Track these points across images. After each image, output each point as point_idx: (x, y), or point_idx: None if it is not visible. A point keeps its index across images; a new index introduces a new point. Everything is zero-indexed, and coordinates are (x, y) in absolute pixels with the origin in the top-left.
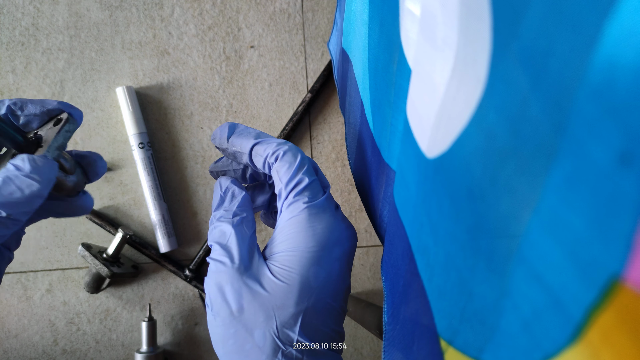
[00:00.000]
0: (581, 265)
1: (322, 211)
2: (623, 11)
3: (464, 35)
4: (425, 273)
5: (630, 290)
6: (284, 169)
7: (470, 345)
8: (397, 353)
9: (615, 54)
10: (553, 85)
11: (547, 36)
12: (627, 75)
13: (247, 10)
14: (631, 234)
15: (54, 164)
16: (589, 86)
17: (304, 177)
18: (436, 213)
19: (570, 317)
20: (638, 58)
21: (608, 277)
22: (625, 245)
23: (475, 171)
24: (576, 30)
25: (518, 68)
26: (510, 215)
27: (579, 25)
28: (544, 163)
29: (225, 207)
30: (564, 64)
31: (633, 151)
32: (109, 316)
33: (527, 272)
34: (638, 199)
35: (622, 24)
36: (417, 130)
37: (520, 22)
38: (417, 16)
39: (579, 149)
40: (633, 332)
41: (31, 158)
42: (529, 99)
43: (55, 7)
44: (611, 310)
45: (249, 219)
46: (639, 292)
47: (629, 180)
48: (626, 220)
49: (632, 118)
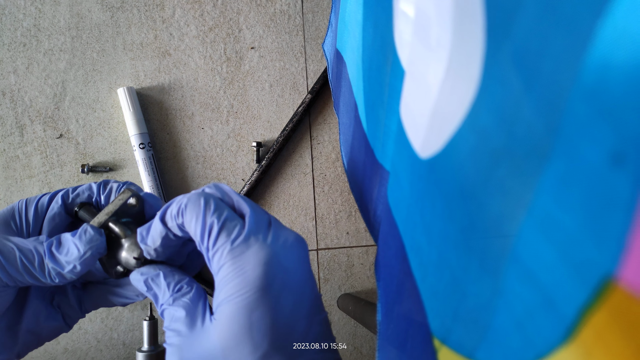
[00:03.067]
0: (574, 265)
1: (246, 247)
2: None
3: (457, 37)
4: (419, 272)
5: (623, 290)
6: (192, 224)
7: (464, 344)
8: (391, 351)
9: (608, 55)
10: (546, 86)
11: (540, 37)
12: (619, 75)
13: (247, 11)
14: (624, 234)
15: (99, 230)
16: (582, 87)
17: (213, 219)
18: (429, 213)
19: (563, 317)
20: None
21: (601, 276)
22: (617, 245)
23: (468, 171)
24: (569, 31)
25: (511, 69)
26: (504, 215)
27: (572, 26)
28: (537, 163)
29: (162, 300)
30: (557, 65)
31: (625, 151)
32: (110, 315)
33: (520, 272)
34: (630, 199)
35: (615, 24)
36: (410, 130)
37: (513, 23)
38: (411, 17)
39: (571, 149)
40: (626, 332)
41: (84, 227)
42: (522, 99)
43: (57, 8)
44: (604, 310)
45: (188, 290)
46: (632, 292)
47: (621, 181)
48: (619, 220)
49: (624, 118)
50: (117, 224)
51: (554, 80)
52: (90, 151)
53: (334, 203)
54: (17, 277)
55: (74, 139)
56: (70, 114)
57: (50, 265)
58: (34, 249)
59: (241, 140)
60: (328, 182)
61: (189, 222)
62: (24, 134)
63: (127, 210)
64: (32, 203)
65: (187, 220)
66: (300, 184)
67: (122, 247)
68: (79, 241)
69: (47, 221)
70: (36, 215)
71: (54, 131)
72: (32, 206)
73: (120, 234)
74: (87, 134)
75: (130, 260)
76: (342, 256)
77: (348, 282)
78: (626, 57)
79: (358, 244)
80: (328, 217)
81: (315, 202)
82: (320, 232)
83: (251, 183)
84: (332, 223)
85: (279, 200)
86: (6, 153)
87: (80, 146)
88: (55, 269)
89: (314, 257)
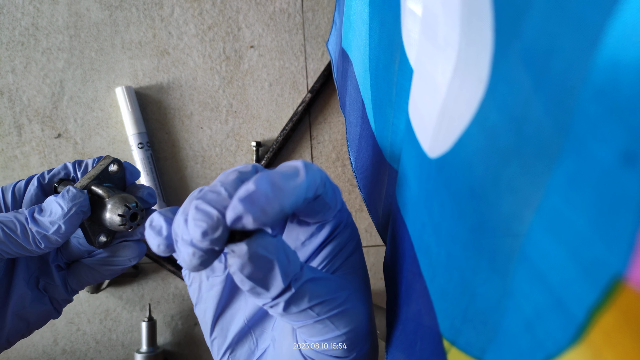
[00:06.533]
0: (584, 265)
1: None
2: (626, 10)
3: (465, 35)
4: (428, 273)
5: (633, 290)
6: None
7: (473, 346)
8: (399, 354)
9: (619, 53)
10: (556, 85)
11: (549, 35)
12: (630, 74)
13: (247, 10)
14: (634, 234)
15: (81, 190)
16: (592, 85)
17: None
18: (438, 213)
19: (573, 318)
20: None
21: (610, 277)
22: (627, 245)
23: (477, 171)
24: (579, 29)
25: (520, 68)
26: (513, 214)
27: (581, 24)
28: (546, 163)
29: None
30: (566, 64)
31: (636, 151)
32: (108, 316)
33: (529, 272)
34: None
35: (626, 22)
36: (419, 130)
37: (522, 21)
38: (419, 16)
39: (582, 148)
40: (635, 333)
41: (66, 188)
42: (531, 98)
43: (55, 7)
44: (613, 311)
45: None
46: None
47: (632, 180)
48: (629, 220)
49: (635, 117)
50: (100, 187)
51: (564, 79)
52: (88, 151)
53: None
54: (4, 248)
55: (72, 139)
56: (69, 114)
57: (35, 229)
58: (14, 218)
59: (240, 139)
60: None
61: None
62: (22, 134)
63: (108, 176)
64: (9, 189)
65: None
66: None
67: (105, 208)
68: (62, 200)
69: (25, 203)
70: (14, 200)
71: (52, 131)
72: (9, 191)
73: (103, 194)
74: (85, 134)
75: (115, 219)
76: None
77: None
78: (636, 55)
79: None
80: None
81: None
82: None
83: None
84: None
85: None
86: (4, 153)
87: (78, 146)
88: (39, 232)
89: None
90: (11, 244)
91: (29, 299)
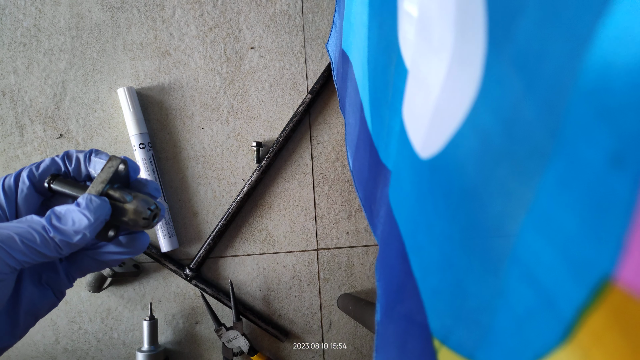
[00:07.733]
0: (573, 265)
1: None
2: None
3: (459, 37)
4: (419, 273)
5: (621, 291)
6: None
7: (464, 345)
8: (390, 352)
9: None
10: (546, 87)
11: (540, 38)
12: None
13: (247, 11)
14: (622, 235)
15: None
16: (582, 88)
17: None
18: (431, 213)
19: (562, 317)
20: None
21: (599, 277)
22: (616, 245)
23: (469, 172)
24: (569, 32)
25: (512, 70)
26: (504, 215)
27: (572, 28)
28: (537, 164)
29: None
30: (557, 66)
31: (625, 152)
32: (110, 315)
33: (520, 272)
34: (629, 199)
35: (615, 25)
36: (412, 130)
37: (514, 24)
38: (415, 17)
39: (571, 150)
40: (624, 332)
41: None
42: (522, 100)
43: (57, 8)
44: (602, 310)
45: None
46: (630, 292)
47: (620, 182)
48: (617, 221)
49: (623, 120)
50: (114, 190)
51: (555, 81)
52: None
53: (334, 203)
54: (24, 259)
55: (74, 139)
56: (70, 114)
57: (58, 238)
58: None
59: (241, 140)
60: (328, 182)
61: None
62: (24, 134)
63: (117, 176)
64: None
65: None
66: (300, 184)
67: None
68: (87, 211)
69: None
70: (7, 198)
71: (54, 131)
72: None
73: (120, 198)
74: (87, 134)
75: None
76: (342, 256)
77: (348, 282)
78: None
79: (358, 244)
80: (328, 217)
81: (315, 202)
82: (320, 232)
83: (251, 183)
84: (332, 223)
85: (279, 200)
86: (6, 153)
87: (80, 146)
88: (63, 241)
89: (314, 257)
90: (32, 254)
91: (36, 296)
